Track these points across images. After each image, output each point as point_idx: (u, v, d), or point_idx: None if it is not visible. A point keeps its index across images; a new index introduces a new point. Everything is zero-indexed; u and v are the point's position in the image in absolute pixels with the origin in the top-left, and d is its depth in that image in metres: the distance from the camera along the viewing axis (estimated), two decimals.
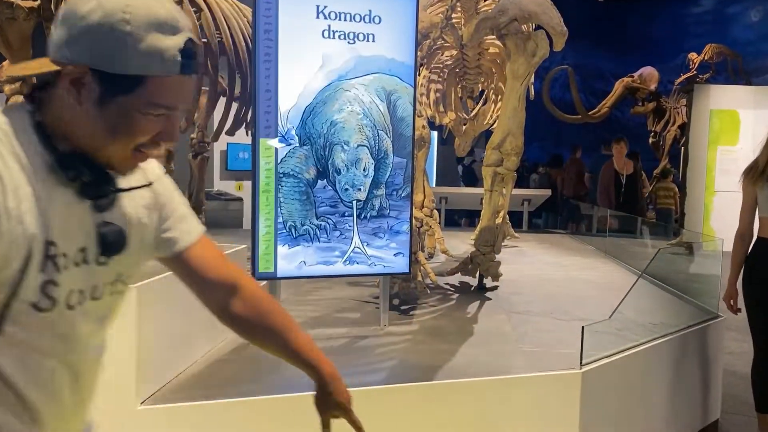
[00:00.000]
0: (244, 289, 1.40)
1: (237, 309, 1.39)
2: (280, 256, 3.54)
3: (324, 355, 1.48)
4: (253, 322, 1.40)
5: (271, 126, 3.51)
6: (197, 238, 1.36)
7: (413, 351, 3.46)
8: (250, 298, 1.40)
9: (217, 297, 1.39)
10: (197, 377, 3.00)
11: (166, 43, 1.04)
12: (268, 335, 1.42)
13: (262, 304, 1.41)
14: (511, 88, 4.75)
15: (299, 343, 1.43)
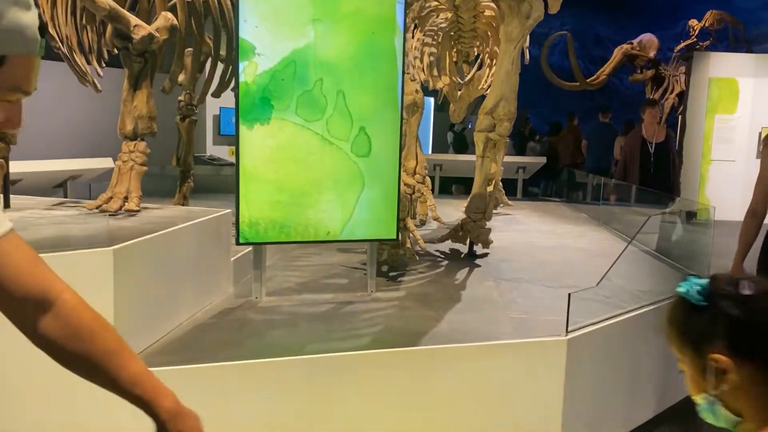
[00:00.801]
0: (59, 305, 1.13)
1: (47, 329, 1.12)
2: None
3: (163, 387, 1.20)
4: (69, 346, 1.13)
5: None
6: (2, 234, 1.09)
7: (399, 317, 3.43)
8: (66, 316, 1.13)
9: (24, 312, 1.12)
10: (179, 342, 2.97)
11: (25, 19, 0.94)
12: (88, 363, 1.14)
13: (82, 324, 1.14)
14: (505, 51, 4.64)
15: (129, 372, 1.16)
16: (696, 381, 1.21)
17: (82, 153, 6.13)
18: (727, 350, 1.14)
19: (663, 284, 4.35)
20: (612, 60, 12.17)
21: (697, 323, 1.19)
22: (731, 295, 1.16)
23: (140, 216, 3.47)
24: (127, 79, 3.47)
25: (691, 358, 1.21)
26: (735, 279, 1.18)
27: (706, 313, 1.17)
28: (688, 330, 1.21)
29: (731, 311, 1.15)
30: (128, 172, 3.47)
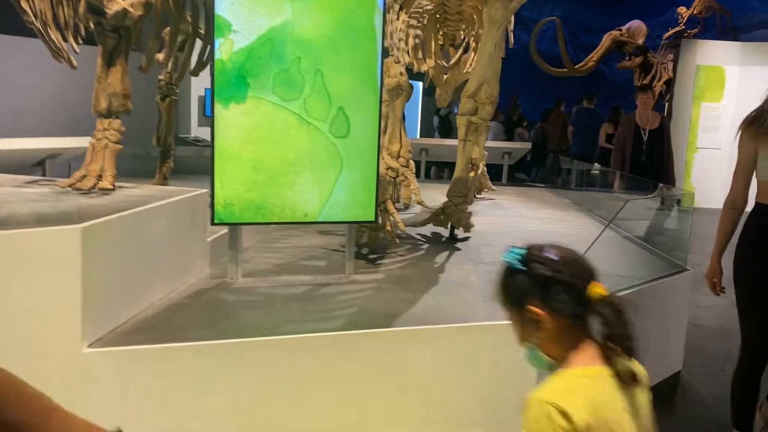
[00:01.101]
0: None
1: None
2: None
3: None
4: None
5: None
6: None
7: (375, 299, 3.42)
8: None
9: None
10: (150, 321, 2.94)
11: None
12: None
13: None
14: (488, 34, 4.61)
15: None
16: (520, 333, 1.49)
17: (63, 132, 6.05)
18: (540, 304, 1.42)
19: (641, 269, 4.37)
20: (601, 46, 12.17)
21: (518, 284, 1.45)
22: (542, 260, 1.43)
23: (114, 195, 3.42)
24: (100, 56, 3.40)
25: (515, 313, 1.48)
26: (544, 247, 1.45)
27: (524, 275, 1.44)
28: (511, 290, 1.47)
29: (542, 272, 1.42)
30: (102, 150, 3.42)
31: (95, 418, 1.00)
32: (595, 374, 1.38)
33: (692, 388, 4.29)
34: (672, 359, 4.26)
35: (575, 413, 1.28)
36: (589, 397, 1.32)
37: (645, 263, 4.61)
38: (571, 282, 1.40)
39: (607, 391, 1.36)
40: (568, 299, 1.40)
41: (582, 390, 1.33)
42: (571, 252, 1.46)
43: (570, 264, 1.43)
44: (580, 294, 1.40)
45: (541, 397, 1.32)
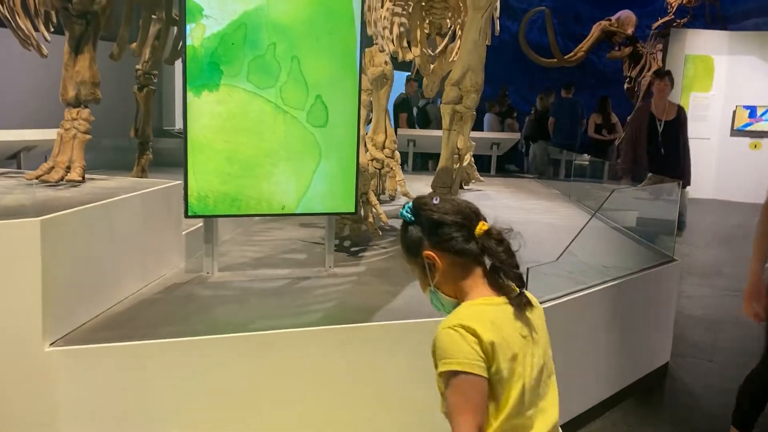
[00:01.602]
0: None
1: None
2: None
3: None
4: None
5: None
6: None
7: (355, 292, 3.33)
8: None
9: None
10: (121, 317, 2.84)
11: None
12: None
13: None
14: (472, 20, 4.50)
15: None
16: (422, 281, 1.60)
17: (39, 124, 5.90)
18: (433, 249, 1.53)
19: (628, 260, 4.29)
20: (590, 37, 12.07)
21: (412, 235, 1.56)
22: (428, 207, 1.54)
23: (83, 187, 3.30)
24: (67, 42, 3.28)
25: (416, 264, 1.58)
26: (430, 196, 1.56)
27: (415, 225, 1.56)
28: (408, 243, 1.58)
29: (429, 216, 1.53)
30: (71, 140, 3.30)
31: (59, 417, 0.93)
32: (493, 302, 1.50)
33: (680, 379, 4.22)
34: (660, 350, 4.19)
35: (482, 333, 1.41)
36: (490, 319, 1.45)
37: (633, 254, 4.54)
38: (455, 221, 1.51)
39: (505, 314, 1.49)
40: (457, 237, 1.51)
41: (484, 314, 1.46)
42: (457, 199, 1.57)
43: (454, 206, 1.53)
44: (467, 232, 1.51)
45: (449, 324, 1.44)
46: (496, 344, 1.42)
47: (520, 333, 1.48)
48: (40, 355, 2.40)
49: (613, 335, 3.69)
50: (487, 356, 1.41)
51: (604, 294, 3.55)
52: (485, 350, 1.41)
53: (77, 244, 2.62)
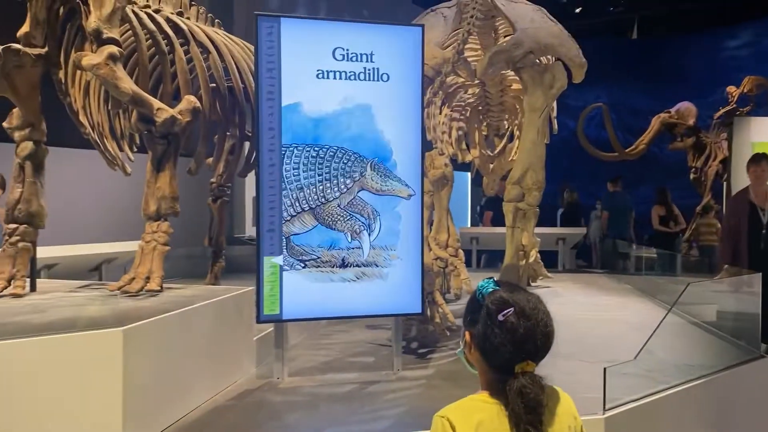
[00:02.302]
0: None
1: None
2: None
3: None
4: None
5: (275, 164, 3.44)
6: None
7: (425, 397, 3.27)
8: None
9: None
10: (195, 424, 2.87)
11: None
12: None
13: None
14: (530, 122, 4.61)
15: None
16: (464, 342, 1.58)
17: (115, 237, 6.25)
18: (473, 338, 1.54)
19: (712, 358, 4.07)
20: (650, 129, 12.08)
21: (472, 308, 1.56)
22: (497, 308, 1.48)
23: (161, 296, 3.44)
24: (150, 162, 3.54)
25: (464, 326, 1.58)
26: (510, 299, 1.50)
27: (480, 309, 1.52)
28: (468, 309, 1.58)
29: (490, 318, 1.49)
30: (151, 252, 3.48)
31: None
32: (491, 402, 1.48)
33: None
34: None
35: (460, 429, 1.44)
36: (477, 417, 1.45)
37: (716, 351, 4.30)
38: (507, 345, 1.46)
39: (497, 418, 1.46)
40: (497, 356, 1.47)
41: (473, 411, 1.47)
42: (533, 324, 1.49)
43: (518, 334, 1.47)
44: (506, 362, 1.47)
45: (441, 413, 1.50)
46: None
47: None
48: None
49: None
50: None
51: (686, 394, 3.36)
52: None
53: (156, 352, 2.71)
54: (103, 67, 3.16)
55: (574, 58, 4.65)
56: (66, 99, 3.81)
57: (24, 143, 3.51)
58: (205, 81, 4.24)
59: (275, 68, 3.40)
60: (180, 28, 4.15)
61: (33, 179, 3.47)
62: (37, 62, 3.39)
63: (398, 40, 3.62)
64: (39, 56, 3.38)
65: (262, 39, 3.39)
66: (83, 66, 3.18)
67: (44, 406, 2.42)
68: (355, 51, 3.53)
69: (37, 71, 3.44)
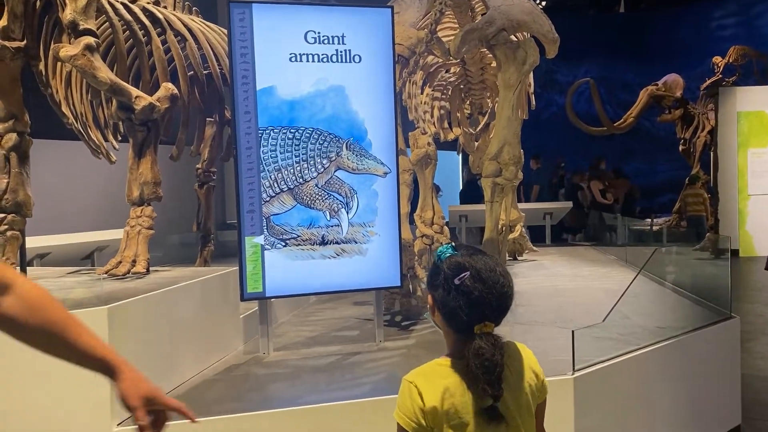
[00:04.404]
0: (16, 286, 1.28)
1: (9, 308, 1.27)
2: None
3: (114, 351, 1.39)
4: (30, 320, 1.28)
5: (253, 146, 3.55)
6: None
7: (404, 365, 3.40)
8: (24, 295, 1.28)
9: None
10: (183, 397, 2.99)
11: None
12: (51, 331, 1.29)
13: (38, 300, 1.29)
14: (504, 98, 4.70)
15: (86, 338, 1.33)
16: (429, 304, 1.61)
17: (110, 225, 6.36)
18: (435, 301, 1.57)
19: (684, 320, 4.21)
20: (638, 102, 12.16)
21: (433, 273, 1.58)
22: (454, 270, 1.52)
23: (148, 278, 3.57)
24: (131, 148, 3.64)
25: (427, 291, 1.61)
26: (468, 262, 1.53)
27: (440, 271, 1.55)
28: (430, 274, 1.60)
29: (447, 279, 1.53)
30: (136, 236, 3.60)
31: None
32: (455, 366, 1.51)
33: None
34: (728, 413, 4.02)
35: (427, 397, 1.47)
36: (443, 384, 1.49)
37: (689, 314, 4.45)
38: (465, 305, 1.50)
39: (461, 384, 1.49)
40: (458, 316, 1.51)
41: (439, 376, 1.51)
42: (491, 286, 1.51)
43: (476, 294, 1.50)
44: (465, 324, 1.50)
45: (410, 375, 1.54)
46: (438, 411, 1.46)
47: (469, 405, 1.48)
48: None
49: (672, 398, 3.60)
50: (426, 420, 1.47)
51: (655, 355, 3.50)
52: (425, 414, 1.46)
53: (141, 330, 2.84)
54: (80, 58, 3.25)
55: (546, 33, 4.73)
56: (48, 90, 3.90)
57: (8, 135, 3.59)
58: (182, 68, 4.33)
59: (249, 53, 3.50)
60: (156, 17, 4.24)
61: (18, 170, 3.56)
62: (16, 55, 3.47)
63: (369, 22, 3.71)
64: (18, 49, 3.47)
65: (235, 24, 3.48)
66: (61, 57, 3.27)
67: (30, 384, 2.55)
68: (326, 34, 3.62)
69: (17, 64, 3.52)
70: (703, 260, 6.03)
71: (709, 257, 6.28)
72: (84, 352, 1.32)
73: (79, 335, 1.32)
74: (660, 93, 12.32)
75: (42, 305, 1.29)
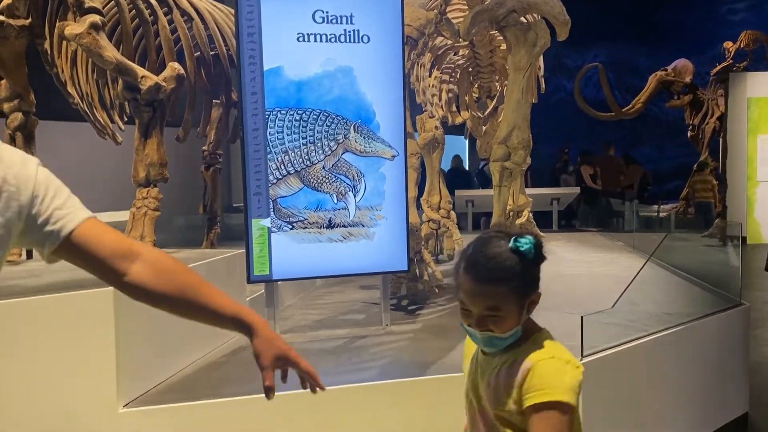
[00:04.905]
0: (144, 255, 1.34)
1: (139, 274, 1.32)
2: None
3: (247, 308, 1.43)
4: (162, 285, 1.33)
5: (259, 128, 3.51)
6: (81, 221, 1.30)
7: (410, 348, 3.39)
8: (153, 262, 1.33)
9: (115, 267, 1.32)
10: (189, 379, 3.00)
11: None
12: (182, 294, 1.34)
13: (168, 266, 1.35)
14: (514, 81, 4.64)
15: (220, 298, 1.37)
16: (508, 321, 1.45)
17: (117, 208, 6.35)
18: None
19: (693, 306, 4.18)
20: (647, 88, 12.03)
21: (531, 273, 1.47)
22: (542, 248, 1.48)
23: None
24: (137, 129, 3.61)
25: (515, 302, 1.44)
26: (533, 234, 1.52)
27: (535, 263, 1.47)
28: (528, 279, 1.46)
29: (542, 257, 1.48)
30: (142, 217, 3.58)
31: None
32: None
33: (764, 430, 4.01)
34: (735, 400, 4.00)
35: (580, 369, 1.44)
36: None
37: (698, 300, 4.41)
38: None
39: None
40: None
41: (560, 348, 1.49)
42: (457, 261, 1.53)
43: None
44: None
45: (552, 354, 1.44)
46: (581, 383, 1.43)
47: None
48: (115, 416, 2.57)
49: (681, 384, 3.58)
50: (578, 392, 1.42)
51: (664, 341, 3.47)
52: (580, 385, 1.42)
53: (147, 311, 2.80)
54: (85, 37, 3.21)
55: (558, 15, 4.66)
56: (53, 70, 3.87)
57: (13, 114, 3.58)
58: (189, 48, 4.29)
59: (256, 32, 3.45)
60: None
61: (24, 150, 3.54)
62: (21, 34, 3.44)
63: (378, 2, 3.66)
64: (23, 27, 3.44)
65: (242, 4, 3.43)
66: (66, 36, 3.24)
67: (40, 364, 2.55)
68: (334, 13, 3.57)
69: (22, 43, 3.50)
70: (712, 247, 5.98)
71: (717, 244, 6.24)
72: (218, 312, 1.36)
73: (212, 296, 1.36)
74: (669, 78, 12.19)
75: (175, 272, 1.35)
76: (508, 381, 1.44)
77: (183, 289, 1.33)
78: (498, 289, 1.43)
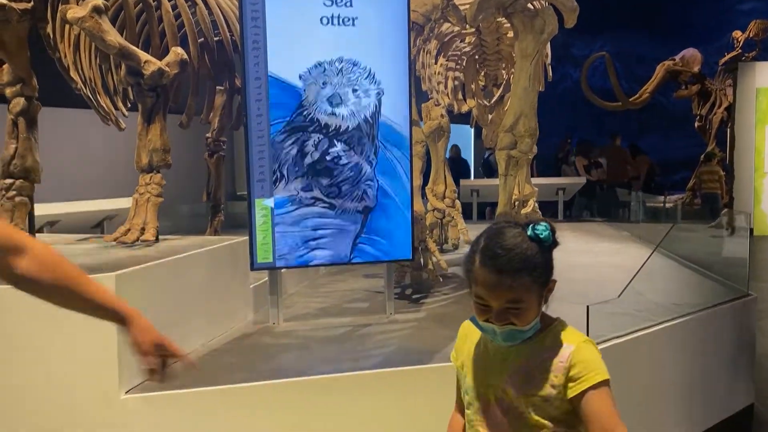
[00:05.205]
0: (30, 248, 1.37)
1: (26, 267, 1.36)
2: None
3: (122, 300, 1.53)
4: (45, 277, 1.37)
5: (263, 113, 3.48)
6: None
7: (414, 337, 3.37)
8: (38, 256, 1.37)
9: (3, 261, 1.36)
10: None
11: None
12: (63, 288, 1.40)
13: (51, 259, 1.39)
14: (521, 68, 4.59)
15: (96, 290, 1.45)
16: (528, 313, 1.42)
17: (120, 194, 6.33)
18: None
19: (700, 296, 4.14)
20: (654, 77, 11.94)
21: (549, 260, 1.46)
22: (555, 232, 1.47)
23: (157, 246, 3.53)
24: (140, 114, 3.58)
25: (536, 291, 1.43)
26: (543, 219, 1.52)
27: (550, 250, 1.46)
28: (546, 267, 1.45)
29: (556, 242, 1.48)
30: (145, 204, 3.56)
31: None
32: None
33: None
34: (741, 391, 3.98)
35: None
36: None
37: (705, 290, 4.38)
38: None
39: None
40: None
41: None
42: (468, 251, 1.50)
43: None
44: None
45: (583, 338, 1.49)
46: None
47: None
48: (116, 402, 2.56)
49: (687, 374, 3.55)
50: None
51: (670, 332, 3.44)
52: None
53: (150, 298, 2.80)
54: (88, 20, 3.18)
55: (566, 2, 4.60)
56: (55, 54, 3.83)
57: (16, 99, 3.54)
58: (193, 34, 4.25)
59: (260, 17, 3.41)
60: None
61: (27, 135, 3.51)
62: (23, 17, 3.39)
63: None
64: (25, 11, 3.39)
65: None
66: (68, 19, 3.20)
67: (39, 355, 2.53)
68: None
69: (24, 26, 3.45)
70: (719, 238, 5.93)
71: (725, 234, 6.18)
72: (98, 303, 1.45)
73: (92, 287, 1.44)
74: (677, 68, 12.10)
75: (55, 264, 1.40)
76: (544, 365, 1.44)
77: (67, 282, 1.40)
78: (521, 279, 1.39)
